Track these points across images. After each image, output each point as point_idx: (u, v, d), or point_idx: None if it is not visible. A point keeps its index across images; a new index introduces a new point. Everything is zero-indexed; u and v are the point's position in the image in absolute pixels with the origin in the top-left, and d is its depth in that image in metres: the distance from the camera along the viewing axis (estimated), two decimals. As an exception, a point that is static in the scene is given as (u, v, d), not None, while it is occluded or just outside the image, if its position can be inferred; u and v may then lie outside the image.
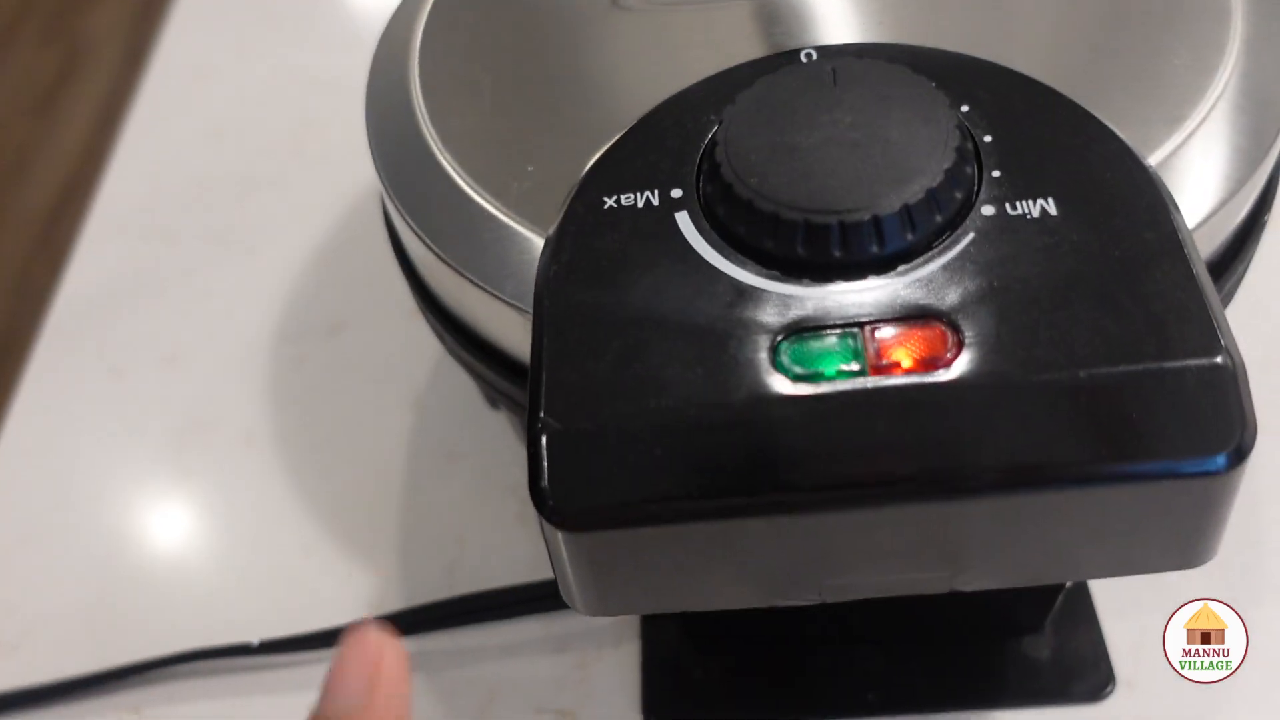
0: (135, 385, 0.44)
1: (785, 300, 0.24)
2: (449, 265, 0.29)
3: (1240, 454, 0.21)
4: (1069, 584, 0.32)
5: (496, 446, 0.40)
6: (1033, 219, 0.24)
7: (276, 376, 0.44)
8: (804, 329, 0.23)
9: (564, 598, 0.25)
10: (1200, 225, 0.26)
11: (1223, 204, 0.26)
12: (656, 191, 0.26)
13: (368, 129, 0.32)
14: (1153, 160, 0.26)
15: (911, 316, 0.23)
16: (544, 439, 0.23)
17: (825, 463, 0.21)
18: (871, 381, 0.22)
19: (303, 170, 0.51)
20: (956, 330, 0.23)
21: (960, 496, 0.22)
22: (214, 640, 0.36)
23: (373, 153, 0.31)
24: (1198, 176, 0.26)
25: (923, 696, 0.32)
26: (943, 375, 0.22)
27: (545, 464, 0.23)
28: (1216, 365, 0.21)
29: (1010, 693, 0.32)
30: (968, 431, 0.21)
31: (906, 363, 0.22)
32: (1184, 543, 0.23)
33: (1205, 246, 0.27)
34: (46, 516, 0.41)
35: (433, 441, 0.41)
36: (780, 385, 0.22)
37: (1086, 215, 0.24)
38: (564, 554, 0.23)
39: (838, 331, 0.23)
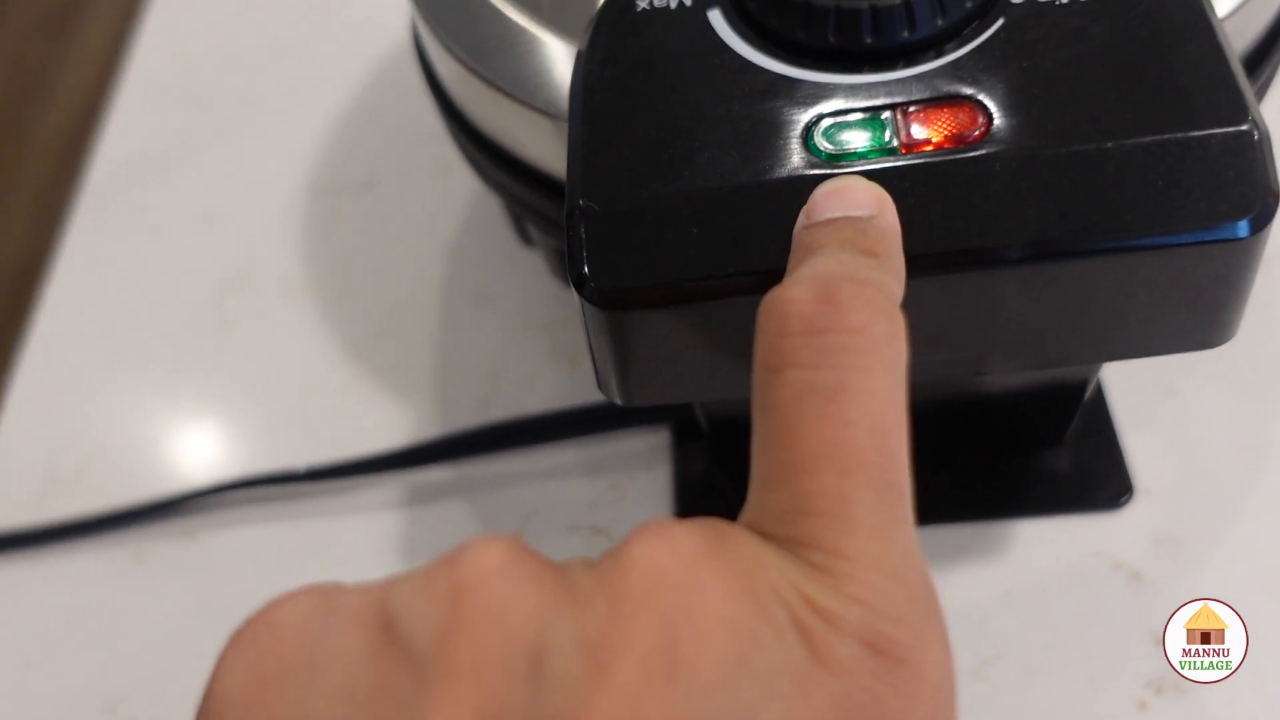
0: (175, 243, 0.45)
1: (818, 88, 0.24)
2: (481, 79, 0.29)
3: (1263, 219, 0.22)
4: (1088, 395, 0.33)
5: (527, 288, 0.41)
6: (1060, 4, 0.24)
7: (310, 230, 0.44)
8: (837, 113, 0.24)
9: (601, 390, 0.26)
10: (1231, 15, 0.26)
11: (1253, -5, 0.26)
12: (690, -8, 0.26)
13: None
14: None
15: (941, 96, 0.23)
16: (583, 222, 0.23)
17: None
18: (903, 159, 0.23)
19: (329, 36, 0.51)
20: (985, 109, 0.23)
21: (991, 266, 0.22)
22: (262, 471, 0.37)
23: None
24: (1228, -35, 0.26)
25: (946, 508, 0.33)
26: (973, 151, 0.22)
27: (584, 247, 0.23)
28: (1241, 133, 0.22)
29: (1032, 502, 0.33)
30: (997, 203, 0.22)
31: (937, 140, 0.23)
32: (1206, 319, 0.24)
33: (1237, 41, 0.27)
34: (95, 364, 0.42)
35: (464, 286, 0.42)
36: (815, 165, 0.23)
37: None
38: (604, 338, 0.24)
39: (870, 114, 0.23)
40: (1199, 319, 0.24)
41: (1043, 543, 0.32)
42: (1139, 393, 0.34)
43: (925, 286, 0.23)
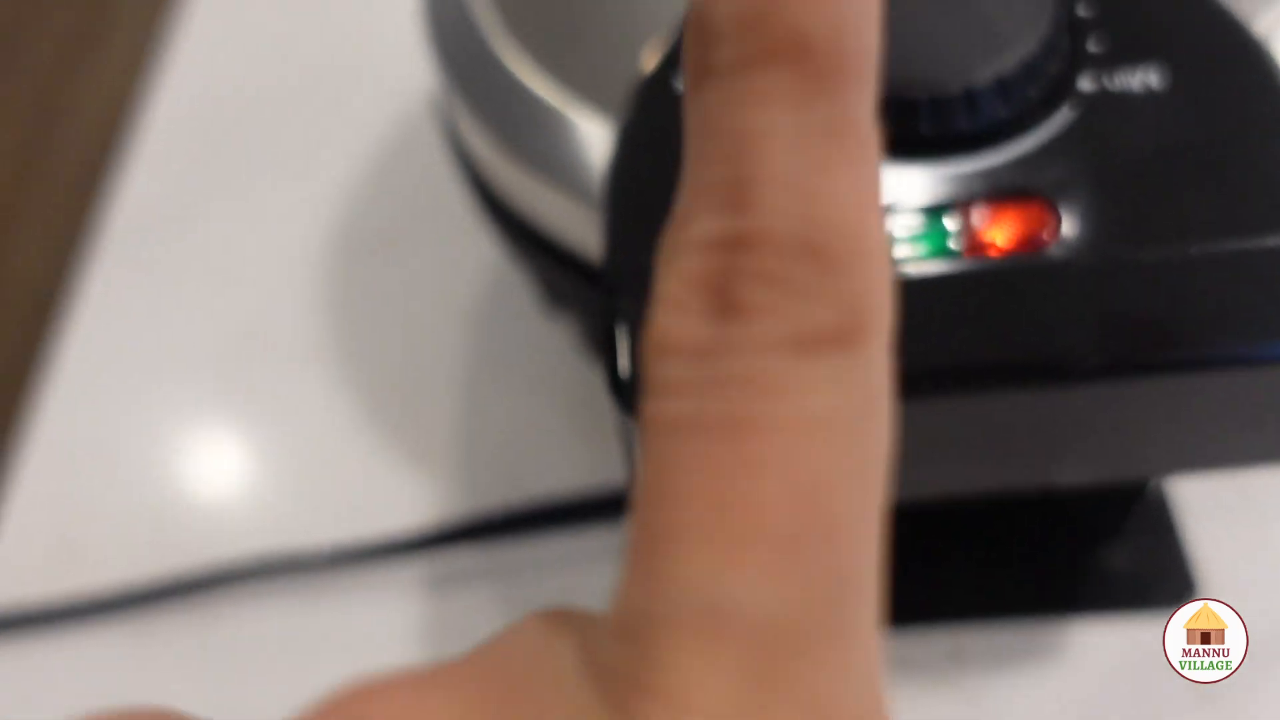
0: (192, 303, 0.44)
1: (872, 180, 0.22)
2: (510, 160, 0.28)
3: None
4: (1148, 486, 0.31)
5: (553, 358, 0.39)
6: (1134, 93, 0.23)
7: (331, 291, 0.43)
8: (890, 209, 0.22)
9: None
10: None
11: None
12: (732, 74, 0.25)
13: (424, 19, 0.31)
14: (1258, 29, 0.24)
15: (1006, 194, 0.22)
16: (624, 326, 0.22)
17: (917, 349, 0.20)
18: (964, 263, 0.21)
19: (354, 86, 0.50)
20: (1055, 208, 0.21)
21: (1061, 384, 0.21)
22: (278, 546, 0.36)
23: (429, 42, 0.30)
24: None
25: (996, 604, 0.31)
26: (1042, 256, 0.21)
27: (628, 354, 0.22)
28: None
29: (1086, 600, 0.31)
30: (1070, 313, 0.20)
31: (1002, 242, 0.21)
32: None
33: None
34: (110, 430, 0.41)
35: (489, 353, 0.40)
36: (868, 267, 0.21)
37: (1192, 87, 0.22)
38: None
39: (926, 211, 0.22)
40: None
41: (1098, 646, 0.30)
42: (1203, 479, 0.32)
43: (989, 403, 0.21)
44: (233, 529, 0.37)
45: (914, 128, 0.23)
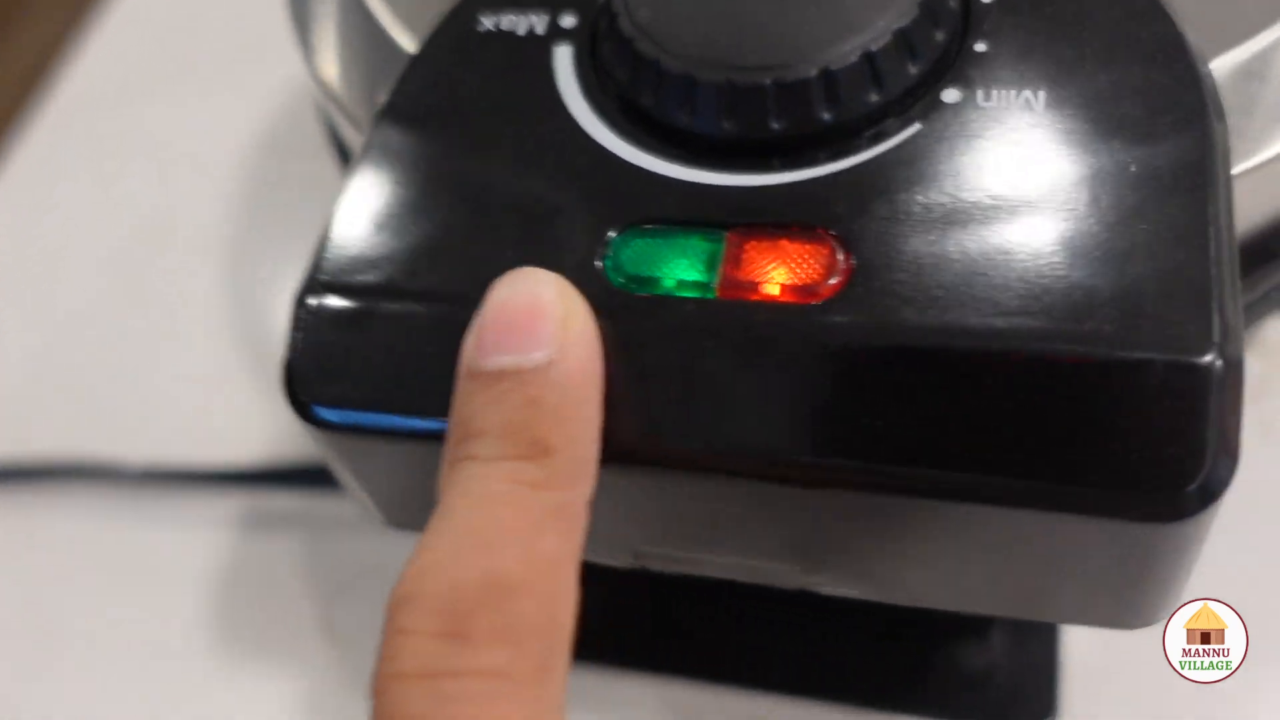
0: (106, 191, 0.41)
1: (639, 178, 0.18)
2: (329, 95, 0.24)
3: (1208, 494, 0.15)
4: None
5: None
6: (1008, 114, 0.17)
7: (253, 189, 0.40)
8: (648, 220, 0.17)
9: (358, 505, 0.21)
10: (1263, 165, 0.18)
11: (1310, 138, 0.18)
12: (546, 17, 0.20)
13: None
14: (1224, 60, 0.18)
15: (794, 224, 0.17)
16: (304, 306, 0.18)
17: (631, 403, 0.16)
18: (716, 305, 0.16)
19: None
20: (849, 251, 0.16)
21: (798, 483, 0.16)
22: (117, 451, 0.33)
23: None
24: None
25: (825, 683, 0.27)
26: (814, 312, 0.16)
27: (299, 337, 0.18)
28: (1196, 366, 0.14)
29: (929, 703, 0.26)
30: (831, 400, 0.15)
31: (771, 287, 0.16)
32: (1122, 598, 0.17)
33: (1254, 209, 0.19)
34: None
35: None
36: (600, 291, 0.17)
37: (1082, 120, 0.17)
38: (324, 452, 0.19)
39: (690, 230, 0.17)
40: (1111, 598, 0.17)
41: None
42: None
43: (716, 486, 0.16)
44: (72, 425, 0.35)
45: (711, 121, 0.17)
